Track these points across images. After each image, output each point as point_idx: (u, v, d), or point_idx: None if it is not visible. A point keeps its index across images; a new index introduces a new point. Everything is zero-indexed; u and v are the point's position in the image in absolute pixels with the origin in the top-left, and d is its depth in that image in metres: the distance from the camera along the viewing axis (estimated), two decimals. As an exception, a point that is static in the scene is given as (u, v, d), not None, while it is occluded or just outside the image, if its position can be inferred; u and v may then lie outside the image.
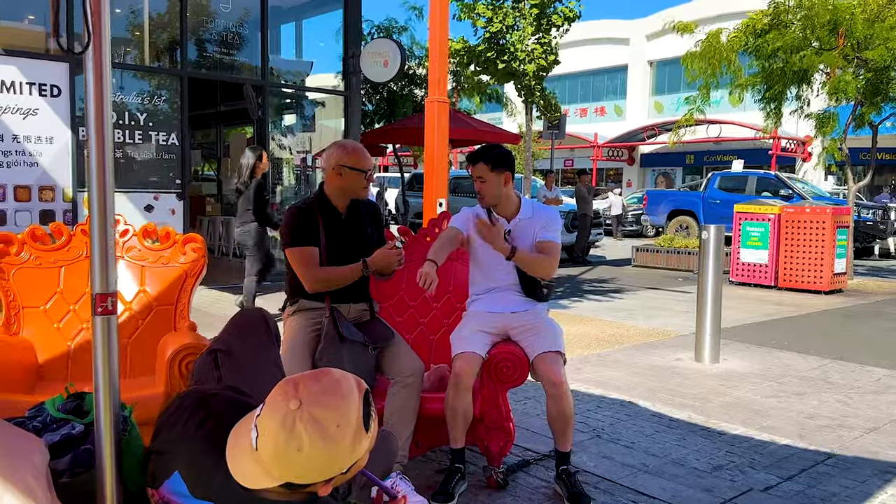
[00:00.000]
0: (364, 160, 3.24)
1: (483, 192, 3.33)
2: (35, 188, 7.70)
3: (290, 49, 10.89)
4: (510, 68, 5.99)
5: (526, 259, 3.25)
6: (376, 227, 3.43)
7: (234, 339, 1.97)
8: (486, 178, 3.30)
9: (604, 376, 5.16)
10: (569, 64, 32.59)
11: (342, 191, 3.26)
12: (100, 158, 1.82)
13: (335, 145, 3.28)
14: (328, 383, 1.36)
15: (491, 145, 3.44)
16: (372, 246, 3.34)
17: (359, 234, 3.30)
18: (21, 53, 7.56)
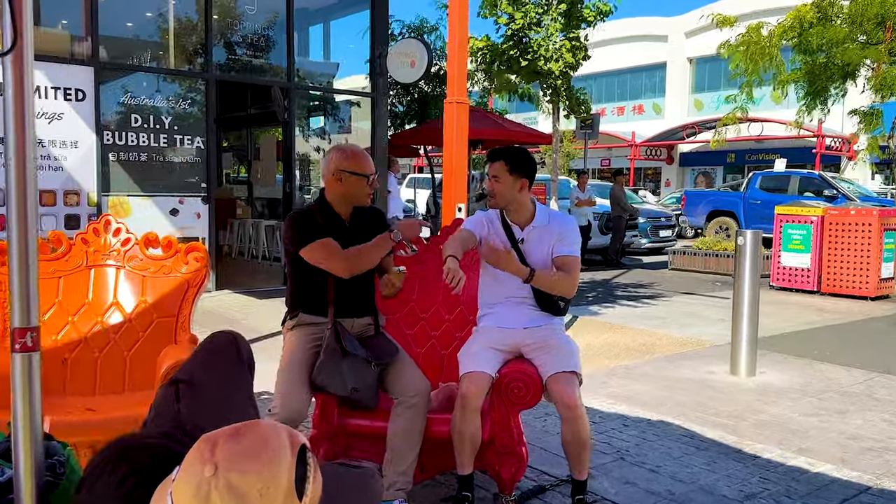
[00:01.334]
0: (365, 164, 3.06)
1: (495, 192, 3.12)
2: (60, 192, 7.69)
3: (318, 51, 10.80)
4: (534, 67, 5.74)
5: (546, 281, 3.03)
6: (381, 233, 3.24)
7: (200, 368, 1.80)
8: (501, 178, 3.09)
9: (631, 390, 4.90)
10: (606, 62, 32.14)
11: (344, 197, 3.08)
12: (20, 172, 1.61)
13: (334, 150, 3.11)
14: (251, 442, 1.17)
15: (516, 147, 3.25)
16: None
17: (363, 241, 3.11)
18: (46, 58, 7.54)
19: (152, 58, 8.75)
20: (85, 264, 3.57)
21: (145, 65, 8.67)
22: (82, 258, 3.57)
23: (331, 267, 2.93)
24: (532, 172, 3.15)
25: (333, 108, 10.73)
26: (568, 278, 3.05)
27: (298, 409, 2.77)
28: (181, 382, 1.74)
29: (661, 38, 31.08)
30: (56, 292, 3.48)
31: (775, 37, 9.12)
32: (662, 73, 31.51)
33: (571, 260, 3.09)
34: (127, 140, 8.11)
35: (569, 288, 3.07)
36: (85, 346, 3.45)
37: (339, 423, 3.11)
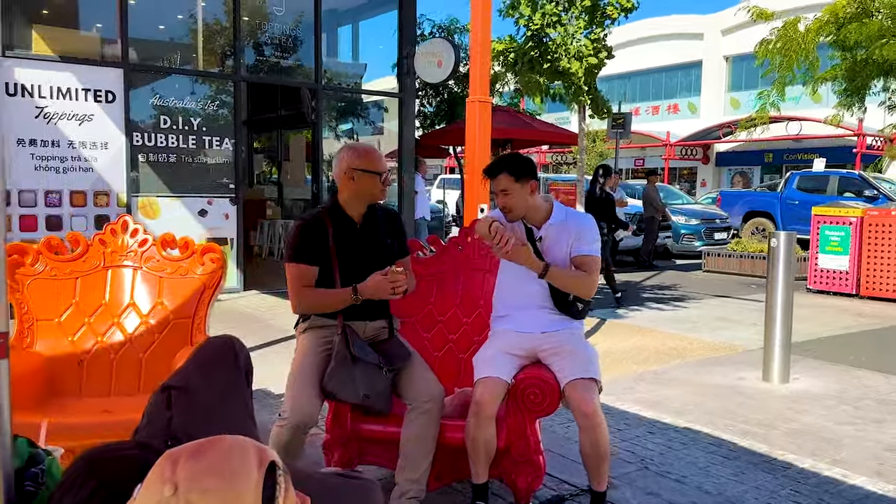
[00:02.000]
0: (377, 162, 3.00)
1: (510, 206, 3.03)
2: (90, 193, 7.77)
3: (347, 51, 10.79)
4: (556, 66, 5.63)
5: (561, 277, 2.94)
6: (396, 237, 3.17)
7: (195, 374, 1.74)
8: (511, 191, 3.00)
9: (659, 396, 4.76)
10: (640, 61, 31.75)
11: (356, 197, 3.02)
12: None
13: (345, 149, 3.05)
14: (214, 459, 1.10)
15: (510, 155, 3.18)
16: (391, 258, 3.09)
17: (375, 244, 3.05)
18: (76, 60, 7.64)
19: (181, 59, 8.80)
20: (102, 265, 3.56)
21: (174, 66, 8.72)
22: (100, 259, 3.56)
23: (290, 295, 2.98)
24: (535, 171, 3.08)
25: (361, 109, 10.71)
26: (587, 278, 2.96)
27: (309, 413, 2.71)
28: (174, 389, 1.69)
29: (696, 36, 30.59)
30: (73, 293, 3.48)
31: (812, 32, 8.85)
32: (698, 71, 31.00)
33: (591, 260, 2.99)
34: (156, 141, 8.17)
35: (587, 288, 2.97)
36: (101, 348, 3.44)
37: (353, 427, 3.05)
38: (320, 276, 2.97)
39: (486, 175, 3.10)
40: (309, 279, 2.94)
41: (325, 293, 2.93)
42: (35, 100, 7.37)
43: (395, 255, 3.16)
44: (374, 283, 2.87)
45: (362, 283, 2.89)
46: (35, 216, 7.46)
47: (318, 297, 2.94)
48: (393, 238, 3.15)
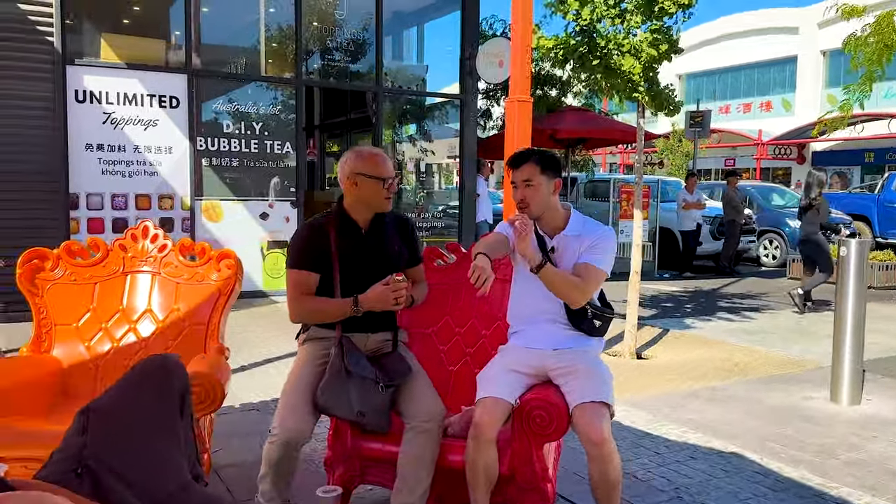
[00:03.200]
0: (381, 167, 2.84)
1: (529, 200, 2.82)
2: (155, 197, 7.96)
3: (412, 54, 10.71)
4: (607, 63, 5.32)
5: (551, 277, 2.71)
6: (407, 243, 3.01)
7: (119, 396, 1.63)
8: (535, 182, 2.79)
9: (709, 417, 4.42)
10: (731, 57, 30.50)
11: (359, 203, 2.89)
12: None
13: (349, 152, 2.91)
14: None
15: (532, 149, 2.94)
16: (400, 267, 2.94)
17: (381, 252, 2.90)
18: (142, 66, 7.84)
19: (244, 65, 8.92)
20: (121, 270, 3.55)
21: (237, 72, 8.85)
22: (119, 264, 3.55)
23: (288, 303, 2.86)
24: (560, 169, 2.86)
25: (423, 111, 10.60)
26: (578, 283, 2.72)
27: (299, 429, 2.58)
28: (92, 412, 1.58)
29: (791, 31, 29.10)
30: (91, 298, 3.48)
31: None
32: (793, 66, 29.47)
33: (589, 269, 2.75)
34: (219, 145, 8.30)
35: (575, 293, 2.73)
36: (117, 354, 3.42)
37: (353, 445, 2.91)
38: (321, 284, 2.85)
39: (511, 164, 2.90)
40: (308, 286, 2.83)
41: (323, 302, 2.80)
42: (102, 106, 7.60)
43: (405, 264, 3.00)
44: (375, 293, 2.73)
45: (364, 294, 2.75)
46: (102, 219, 7.70)
47: (317, 306, 2.81)
48: (403, 245, 3.00)
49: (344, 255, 2.83)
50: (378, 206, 2.89)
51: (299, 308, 2.82)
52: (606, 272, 2.81)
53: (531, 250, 2.71)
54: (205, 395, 2.87)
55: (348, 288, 2.81)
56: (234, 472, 3.43)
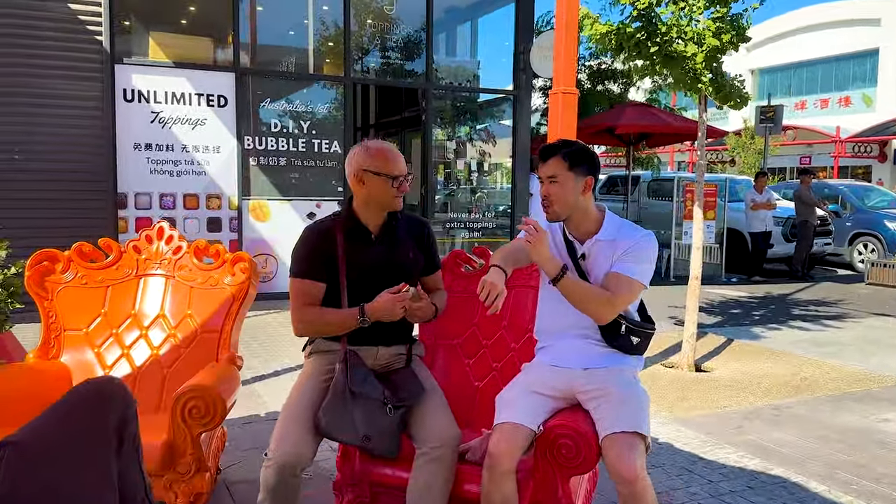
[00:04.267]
0: (390, 163, 2.57)
1: (552, 198, 2.50)
2: (202, 196, 7.91)
3: (465, 49, 10.42)
4: (666, 50, 4.92)
5: (571, 288, 2.39)
6: (423, 249, 2.74)
7: (42, 428, 1.41)
8: (560, 178, 2.47)
9: (772, 439, 4.00)
10: (807, 50, 29.14)
11: (369, 203, 2.63)
12: None
13: (357, 147, 2.65)
14: None
15: (566, 141, 2.58)
16: (414, 274, 2.67)
17: (394, 258, 2.63)
18: (190, 65, 7.79)
19: (292, 63, 8.81)
20: (135, 273, 3.39)
21: (286, 70, 8.74)
22: (132, 267, 3.39)
23: (291, 314, 2.60)
24: (596, 166, 2.52)
25: (475, 109, 10.30)
26: (605, 296, 2.39)
27: (296, 453, 2.33)
28: (10, 445, 1.36)
29: (872, 22, 27.60)
30: (103, 302, 3.32)
31: None
32: (874, 60, 27.94)
33: (622, 280, 2.41)
34: (266, 145, 8.20)
35: (602, 308, 2.39)
36: (126, 361, 3.26)
37: (362, 469, 2.66)
38: (328, 293, 2.60)
39: (540, 157, 2.59)
40: (313, 296, 2.58)
41: (328, 313, 2.55)
42: (150, 105, 7.59)
43: (421, 272, 2.73)
44: (381, 302, 2.47)
45: (370, 304, 2.49)
46: (150, 218, 7.68)
47: (321, 318, 2.56)
48: (418, 251, 2.72)
49: (352, 262, 2.58)
50: (387, 206, 2.63)
51: (302, 320, 2.57)
52: (642, 283, 2.46)
53: (547, 259, 2.40)
54: (204, 411, 2.67)
55: (357, 298, 2.55)
56: (245, 490, 3.21)
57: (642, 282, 2.45)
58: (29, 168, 7.05)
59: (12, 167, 6.99)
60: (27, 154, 7.05)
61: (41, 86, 7.06)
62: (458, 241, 9.64)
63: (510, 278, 3.06)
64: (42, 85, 7.06)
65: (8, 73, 6.92)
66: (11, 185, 6.97)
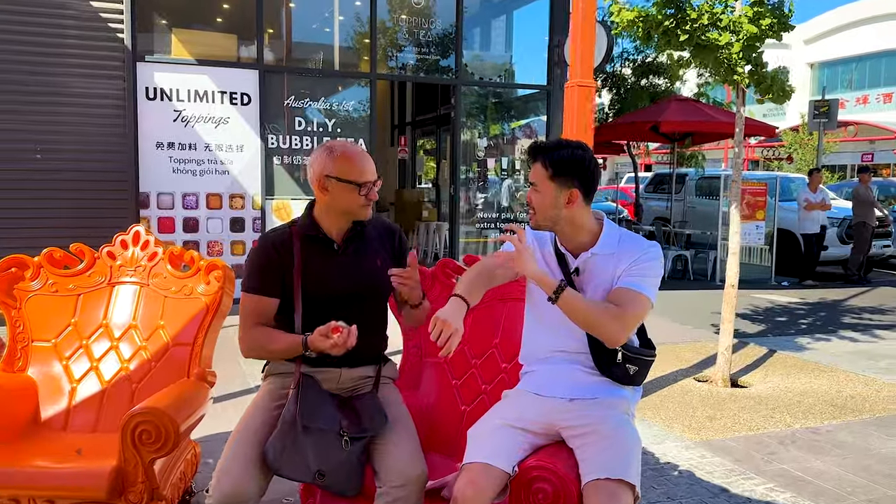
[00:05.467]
0: (355, 168, 2.30)
1: (533, 206, 2.19)
2: (226, 196, 7.77)
3: (498, 44, 10.08)
4: (698, 39, 4.53)
5: (574, 304, 2.06)
6: (394, 258, 2.45)
7: None
8: (540, 187, 2.17)
9: (808, 469, 3.59)
10: (870, 43, 27.85)
11: (332, 211, 2.35)
12: None
13: (321, 149, 2.38)
14: None
15: (560, 143, 2.22)
16: (384, 285, 2.38)
17: (360, 269, 2.35)
18: (212, 62, 7.65)
19: (317, 60, 8.61)
20: (107, 281, 3.18)
21: (310, 66, 8.55)
22: (105, 274, 3.19)
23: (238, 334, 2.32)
24: (587, 176, 2.16)
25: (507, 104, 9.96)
26: (615, 311, 2.05)
27: (238, 493, 2.07)
28: None
29: (941, 11, 26.28)
30: (73, 311, 3.12)
31: None
32: (944, 50, 26.61)
33: (631, 295, 2.08)
34: (291, 143, 8.02)
35: (612, 324, 2.05)
36: (94, 375, 3.06)
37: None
38: (283, 311, 2.34)
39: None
40: (263, 315, 2.31)
41: (274, 339, 2.27)
42: (173, 103, 7.47)
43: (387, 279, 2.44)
44: (313, 338, 2.18)
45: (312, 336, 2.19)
46: (172, 218, 7.57)
47: (267, 343, 2.29)
48: (388, 260, 2.43)
49: (311, 274, 2.31)
50: (354, 215, 2.35)
51: (248, 343, 2.31)
52: (651, 299, 2.13)
53: (540, 275, 2.08)
54: (156, 436, 2.43)
55: (315, 316, 2.28)
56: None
57: (651, 297, 2.12)
58: (50, 167, 7.00)
59: (34, 166, 6.95)
60: (49, 153, 7.00)
61: (63, 84, 7.00)
62: (489, 241, 9.33)
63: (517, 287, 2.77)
64: (63, 83, 7.00)
65: (29, 72, 6.87)
66: (33, 184, 6.92)
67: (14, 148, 6.89)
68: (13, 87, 6.85)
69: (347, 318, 2.22)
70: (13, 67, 6.83)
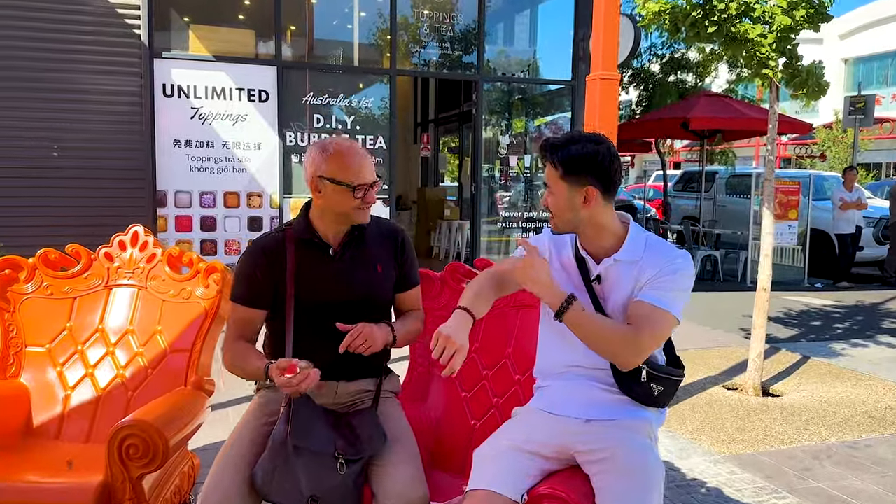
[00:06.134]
0: (351, 169, 2.12)
1: (550, 209, 2.01)
2: (243, 194, 7.66)
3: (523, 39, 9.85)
4: (727, 31, 4.30)
5: (581, 323, 1.87)
6: (396, 263, 2.28)
7: None
8: (554, 189, 1.98)
9: (845, 486, 3.36)
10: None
11: (325, 214, 2.19)
12: None
13: (314, 146, 2.20)
14: None
15: (571, 137, 2.00)
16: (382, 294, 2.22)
17: (357, 277, 2.18)
18: (230, 59, 7.55)
19: (336, 56, 8.47)
20: (104, 284, 3.05)
21: (329, 63, 8.41)
22: (102, 276, 3.06)
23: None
24: (602, 172, 1.95)
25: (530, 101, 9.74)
26: (628, 333, 1.86)
27: (224, 514, 1.92)
28: None
29: None
30: (69, 315, 2.99)
31: None
32: None
33: (649, 311, 1.88)
34: (309, 140, 7.89)
35: (624, 349, 1.86)
36: (90, 382, 2.93)
37: (320, 528, 2.21)
38: (274, 321, 2.18)
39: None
40: (248, 327, 2.17)
41: (247, 358, 2.11)
42: (190, 100, 7.38)
43: (393, 289, 2.28)
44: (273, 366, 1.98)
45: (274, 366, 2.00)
46: (190, 217, 7.48)
47: (241, 360, 2.13)
48: (390, 266, 2.26)
49: (305, 281, 2.14)
50: (349, 219, 2.18)
51: (230, 356, 2.15)
52: (676, 317, 1.92)
53: (546, 288, 1.89)
54: (143, 450, 2.29)
55: (308, 325, 2.12)
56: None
57: (675, 314, 1.91)
58: (67, 165, 6.93)
59: (51, 164, 6.89)
60: (65, 150, 6.94)
61: (79, 81, 6.93)
62: (511, 240, 9.12)
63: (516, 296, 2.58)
64: (80, 80, 6.94)
65: (46, 69, 6.81)
66: (49, 181, 6.87)
67: (31, 145, 6.83)
68: (30, 84, 6.79)
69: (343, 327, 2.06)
70: (30, 64, 6.77)
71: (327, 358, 2.12)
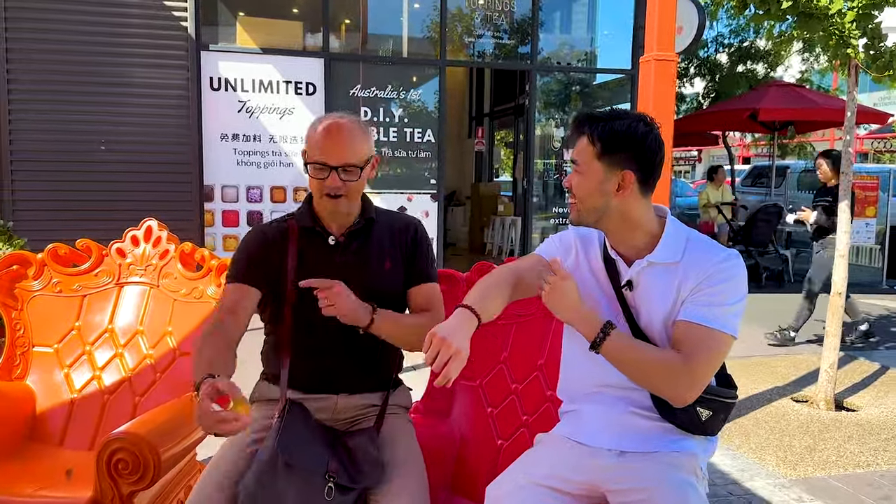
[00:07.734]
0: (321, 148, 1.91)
1: (574, 192, 1.70)
2: (290, 189, 7.53)
3: (581, 27, 9.45)
4: (802, 6, 3.88)
5: (623, 354, 1.58)
6: (407, 257, 2.02)
7: None
8: (583, 167, 1.68)
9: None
10: None
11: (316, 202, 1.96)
12: None
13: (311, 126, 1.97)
14: None
15: (616, 113, 1.69)
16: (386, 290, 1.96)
17: (360, 273, 1.93)
18: (277, 51, 7.41)
19: (385, 48, 8.25)
20: (115, 281, 2.88)
21: (377, 54, 8.21)
22: (113, 273, 2.89)
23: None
24: (646, 157, 1.64)
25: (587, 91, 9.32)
26: (677, 363, 1.55)
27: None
28: None
29: None
30: (77, 314, 2.84)
31: None
32: None
33: (704, 334, 1.56)
34: (356, 134, 7.69)
35: (674, 381, 1.55)
36: (96, 384, 2.76)
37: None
38: (272, 312, 1.95)
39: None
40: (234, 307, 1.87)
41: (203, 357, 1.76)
42: (237, 93, 7.27)
43: (401, 285, 2.01)
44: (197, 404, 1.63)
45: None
46: (237, 212, 7.39)
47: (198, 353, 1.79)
48: (400, 261, 2.00)
49: (303, 273, 1.89)
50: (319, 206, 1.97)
51: (199, 340, 1.84)
52: (732, 335, 1.59)
53: (578, 316, 1.61)
54: (133, 466, 2.09)
55: (306, 321, 1.88)
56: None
57: (731, 333, 1.58)
58: (114, 159, 6.91)
59: (97, 158, 6.88)
60: (112, 145, 6.92)
61: (126, 75, 6.90)
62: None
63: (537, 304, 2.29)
64: (127, 74, 6.90)
65: (93, 63, 6.80)
66: (96, 175, 6.86)
67: (78, 139, 6.83)
68: (77, 79, 6.78)
69: (344, 329, 1.82)
70: (77, 59, 6.77)
71: (327, 364, 1.88)
